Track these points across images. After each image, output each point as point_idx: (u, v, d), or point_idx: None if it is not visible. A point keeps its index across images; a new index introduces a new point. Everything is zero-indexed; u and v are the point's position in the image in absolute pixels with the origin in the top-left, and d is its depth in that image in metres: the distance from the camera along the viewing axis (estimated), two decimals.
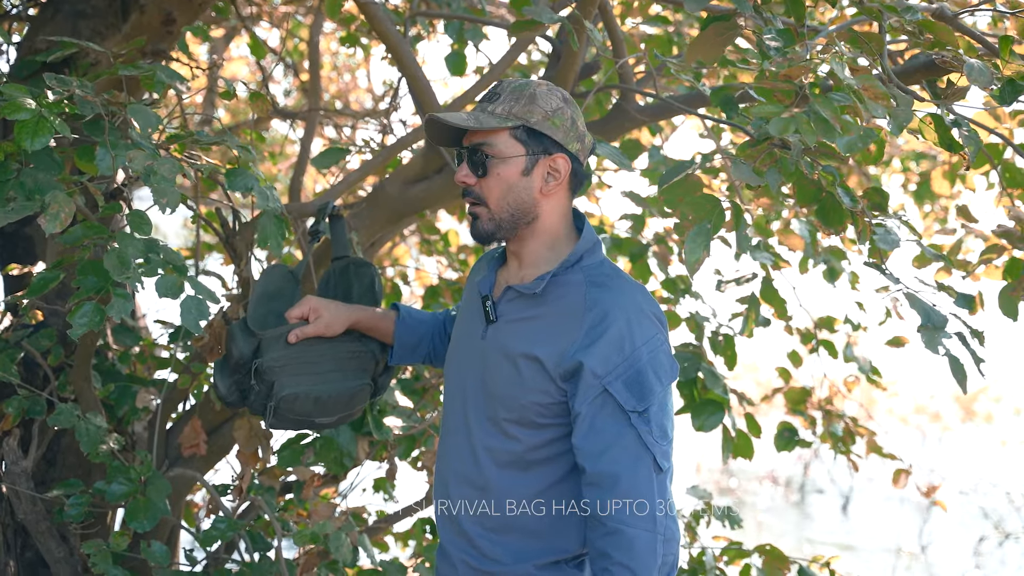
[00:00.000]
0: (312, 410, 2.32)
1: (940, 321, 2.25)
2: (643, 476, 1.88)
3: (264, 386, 2.28)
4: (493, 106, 2.00)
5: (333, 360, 2.35)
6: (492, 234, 2.03)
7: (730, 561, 3.27)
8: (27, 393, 2.67)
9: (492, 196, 2.01)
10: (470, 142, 2.02)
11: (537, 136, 2.01)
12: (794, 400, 3.93)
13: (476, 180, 2.01)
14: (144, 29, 3.21)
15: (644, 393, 1.90)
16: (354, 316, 2.39)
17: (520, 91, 2.01)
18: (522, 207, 2.02)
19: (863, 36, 2.36)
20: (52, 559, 2.70)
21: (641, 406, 1.89)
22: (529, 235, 2.05)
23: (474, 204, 2.03)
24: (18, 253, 3.12)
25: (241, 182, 2.26)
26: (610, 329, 1.93)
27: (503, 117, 1.99)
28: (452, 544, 2.11)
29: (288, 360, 2.29)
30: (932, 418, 13.83)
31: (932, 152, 4.86)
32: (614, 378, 1.90)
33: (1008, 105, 2.25)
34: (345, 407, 2.38)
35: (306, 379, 2.30)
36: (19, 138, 1.95)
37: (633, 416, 1.88)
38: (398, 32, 2.86)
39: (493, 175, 2.00)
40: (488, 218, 2.02)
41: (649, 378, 1.91)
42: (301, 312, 2.34)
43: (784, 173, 2.22)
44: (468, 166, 2.02)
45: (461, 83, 7.44)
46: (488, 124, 1.98)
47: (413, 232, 4.88)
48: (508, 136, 2.00)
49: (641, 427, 1.88)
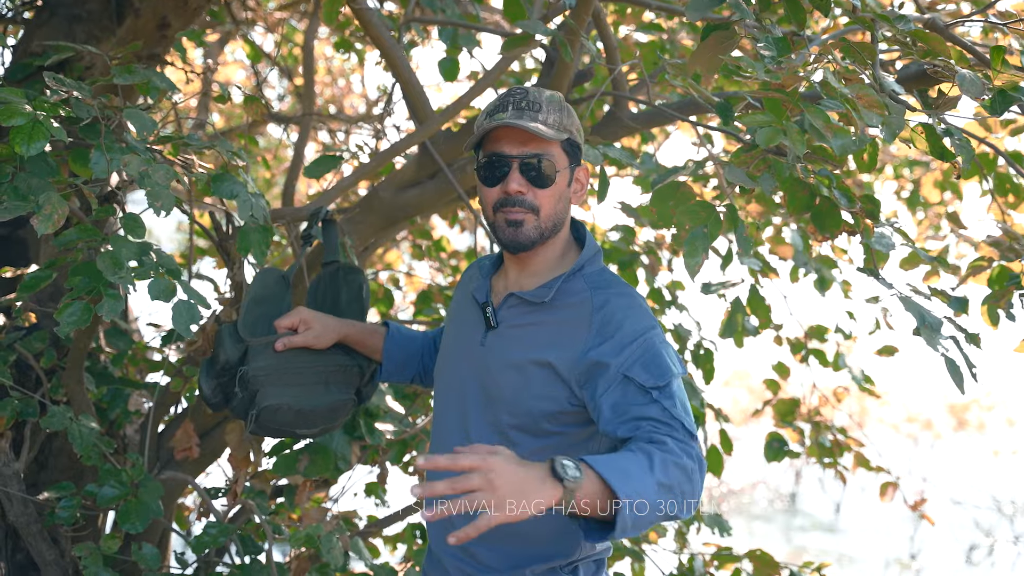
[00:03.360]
0: (293, 421, 2.33)
1: (935, 323, 2.26)
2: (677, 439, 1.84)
3: (247, 394, 2.29)
4: (543, 115, 2.00)
5: (318, 373, 2.36)
6: (534, 242, 2.03)
7: (720, 566, 3.28)
8: (19, 395, 2.67)
9: (546, 206, 2.01)
10: (524, 151, 2.00)
11: (576, 148, 2.06)
12: (783, 412, 3.94)
13: (529, 189, 2.00)
14: (139, 33, 3.21)
15: (662, 370, 1.90)
16: (344, 330, 2.39)
17: (559, 103, 2.04)
18: (562, 217, 2.05)
19: (856, 46, 2.37)
20: (43, 561, 2.69)
21: (662, 381, 1.88)
22: (550, 243, 2.07)
23: (520, 211, 2.01)
24: (12, 256, 3.12)
25: (227, 188, 2.26)
26: (622, 326, 1.94)
27: (558, 128, 2.01)
28: (446, 552, 2.11)
29: (273, 370, 2.30)
30: (924, 427, 13.85)
31: (925, 159, 4.88)
32: (631, 363, 1.89)
33: (999, 115, 2.26)
34: (327, 419, 2.39)
35: (289, 391, 2.30)
36: (14, 143, 1.96)
37: (655, 392, 1.87)
38: (392, 37, 2.87)
39: (553, 186, 2.01)
40: (535, 226, 2.01)
41: (664, 358, 1.92)
42: (291, 322, 2.34)
43: (778, 179, 2.23)
44: (525, 175, 2.00)
45: (455, 88, 7.44)
46: (560, 136, 1.99)
47: (405, 237, 4.89)
48: (559, 148, 2.03)
49: (665, 401, 1.86)
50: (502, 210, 2.02)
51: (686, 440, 1.83)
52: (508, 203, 2.01)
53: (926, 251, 2.88)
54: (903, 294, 2.34)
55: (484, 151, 2.05)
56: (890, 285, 2.37)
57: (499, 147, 2.02)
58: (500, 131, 2.02)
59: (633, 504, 1.68)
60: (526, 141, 2.00)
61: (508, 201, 2.01)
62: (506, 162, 2.00)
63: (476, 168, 2.07)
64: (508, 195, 2.00)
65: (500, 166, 2.01)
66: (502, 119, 1.98)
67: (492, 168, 2.02)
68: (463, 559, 2.07)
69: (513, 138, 2.00)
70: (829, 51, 2.26)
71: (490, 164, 2.02)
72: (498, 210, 2.03)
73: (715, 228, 2.26)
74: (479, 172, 2.05)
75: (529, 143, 2.00)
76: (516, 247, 2.03)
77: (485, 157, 2.04)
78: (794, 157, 2.18)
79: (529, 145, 2.00)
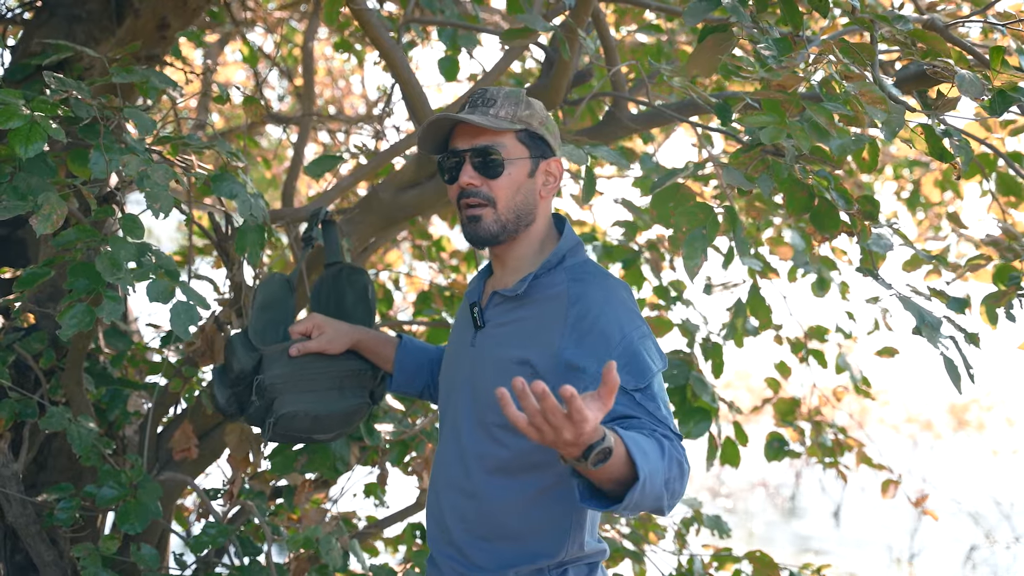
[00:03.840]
0: (310, 427, 2.34)
1: (935, 322, 2.26)
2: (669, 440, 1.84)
3: (264, 402, 2.29)
4: (495, 110, 2.03)
5: (332, 378, 2.36)
6: (496, 235, 2.04)
7: (720, 567, 3.27)
8: (18, 396, 2.67)
9: (502, 197, 2.03)
10: (474, 144, 2.03)
11: (537, 140, 2.07)
12: (783, 411, 3.94)
13: (483, 181, 2.02)
14: (139, 34, 3.21)
15: (642, 370, 1.90)
16: (356, 335, 2.40)
17: (516, 97, 2.07)
18: (526, 208, 2.06)
19: (855, 47, 2.37)
20: (42, 562, 2.69)
21: (642, 383, 1.89)
22: (523, 238, 2.08)
23: (478, 205, 2.03)
24: (10, 256, 3.12)
25: (226, 188, 2.26)
26: (598, 322, 1.94)
27: (510, 120, 2.03)
28: (442, 553, 2.12)
29: (289, 377, 2.30)
30: (924, 427, 13.85)
31: (925, 159, 4.88)
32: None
33: (999, 116, 2.26)
34: (342, 424, 2.40)
35: (305, 397, 2.31)
36: (13, 144, 1.96)
37: (637, 395, 1.88)
38: (392, 38, 2.87)
39: (505, 175, 2.03)
40: (494, 219, 2.03)
41: (643, 357, 1.92)
42: (305, 328, 2.35)
43: (776, 180, 2.23)
44: (476, 167, 2.02)
45: (454, 89, 7.45)
46: (502, 125, 2.01)
47: (405, 237, 4.89)
48: (514, 138, 2.04)
49: (648, 404, 1.88)
50: (461, 205, 2.06)
51: (675, 442, 1.85)
52: (464, 195, 2.04)
53: (927, 251, 2.88)
54: (902, 294, 2.34)
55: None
56: (889, 285, 2.37)
57: (453, 144, 2.07)
58: (457, 129, 2.07)
59: (644, 484, 1.69)
60: (477, 135, 2.04)
61: (464, 194, 2.05)
62: (459, 156, 2.05)
63: (438, 168, 2.11)
64: (462, 188, 2.04)
65: (454, 162, 2.06)
66: (443, 114, 2.04)
67: (447, 166, 2.07)
68: (456, 558, 2.08)
69: (466, 134, 2.05)
70: (830, 50, 2.26)
71: (445, 162, 2.08)
72: (460, 207, 2.06)
73: (713, 229, 2.27)
74: (439, 171, 2.10)
75: (480, 136, 2.03)
76: (478, 241, 2.06)
77: (441, 157, 2.10)
78: (792, 158, 2.18)
79: (480, 138, 2.03)
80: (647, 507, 1.77)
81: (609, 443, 1.63)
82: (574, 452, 1.61)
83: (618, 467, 1.67)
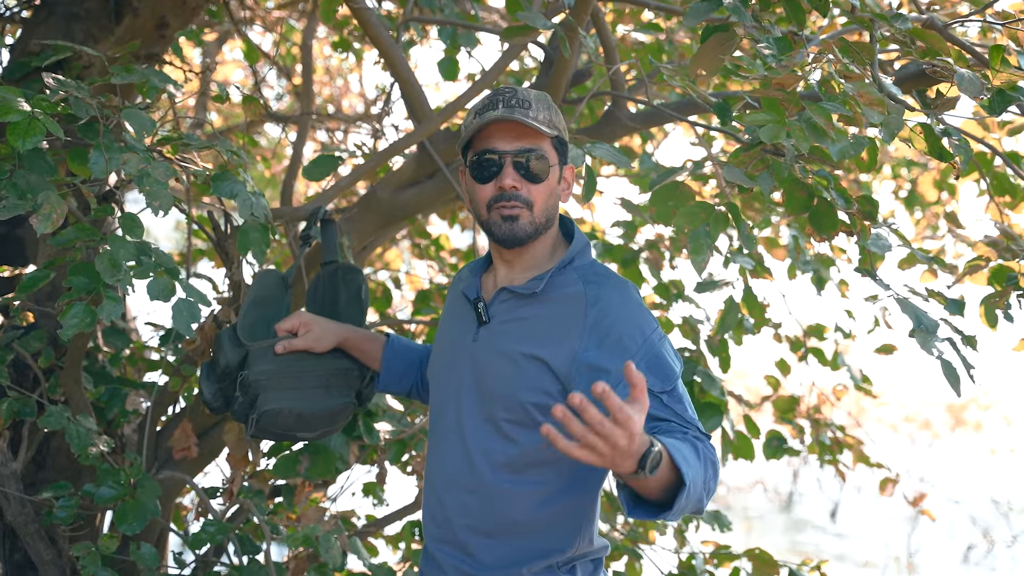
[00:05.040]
0: (294, 425, 2.34)
1: (931, 325, 2.26)
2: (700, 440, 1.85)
3: (248, 398, 2.30)
4: (534, 112, 2.01)
5: (318, 376, 2.36)
6: (530, 236, 2.03)
7: (719, 564, 3.27)
8: (17, 395, 2.67)
9: (539, 201, 2.03)
10: (518, 146, 2.01)
11: (563, 146, 2.08)
12: (782, 409, 3.94)
13: (523, 184, 2.01)
14: (137, 32, 3.21)
15: (667, 373, 1.91)
16: (343, 334, 2.39)
17: (546, 100, 2.06)
18: (553, 212, 2.07)
19: (854, 46, 2.37)
20: (41, 561, 2.69)
21: (668, 385, 1.89)
22: (540, 239, 2.08)
23: (516, 206, 2.02)
24: (9, 255, 3.12)
25: (226, 187, 2.26)
26: (616, 325, 1.94)
27: (548, 125, 2.03)
28: (443, 552, 2.10)
29: (273, 374, 2.30)
30: (922, 426, 13.87)
31: (923, 159, 4.88)
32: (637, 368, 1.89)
33: (998, 115, 2.26)
34: (327, 423, 2.40)
35: (290, 395, 2.31)
36: (11, 139, 1.96)
37: (664, 396, 1.88)
38: (391, 37, 2.87)
39: (545, 180, 2.03)
40: (529, 221, 2.02)
41: (666, 360, 1.93)
42: (291, 325, 2.34)
43: (776, 179, 2.23)
44: (518, 170, 2.01)
45: (453, 88, 7.45)
46: (547, 131, 2.00)
47: (404, 236, 4.89)
48: (550, 144, 2.05)
49: (676, 405, 1.88)
50: (496, 206, 2.02)
51: (706, 442, 1.86)
52: (503, 198, 2.01)
53: (924, 251, 2.88)
54: (900, 295, 2.34)
55: (474, 150, 2.05)
56: (887, 286, 2.37)
57: (491, 143, 2.02)
58: (491, 128, 2.02)
59: (690, 488, 1.69)
60: (519, 136, 2.01)
61: (503, 196, 2.01)
62: (500, 158, 2.01)
63: (468, 166, 2.07)
64: (503, 191, 2.01)
65: (494, 162, 2.02)
66: (496, 115, 1.99)
67: (485, 165, 2.03)
68: (460, 557, 2.06)
69: (505, 134, 2.01)
70: (829, 49, 2.26)
71: (483, 161, 2.03)
72: (492, 207, 2.03)
73: (716, 227, 2.27)
74: (472, 170, 2.05)
75: (522, 138, 2.01)
76: (512, 242, 2.03)
77: (476, 155, 2.04)
78: (792, 157, 2.19)
79: (522, 140, 2.01)
80: (690, 510, 1.78)
81: (659, 448, 1.63)
82: (630, 465, 1.58)
83: (665, 473, 1.67)
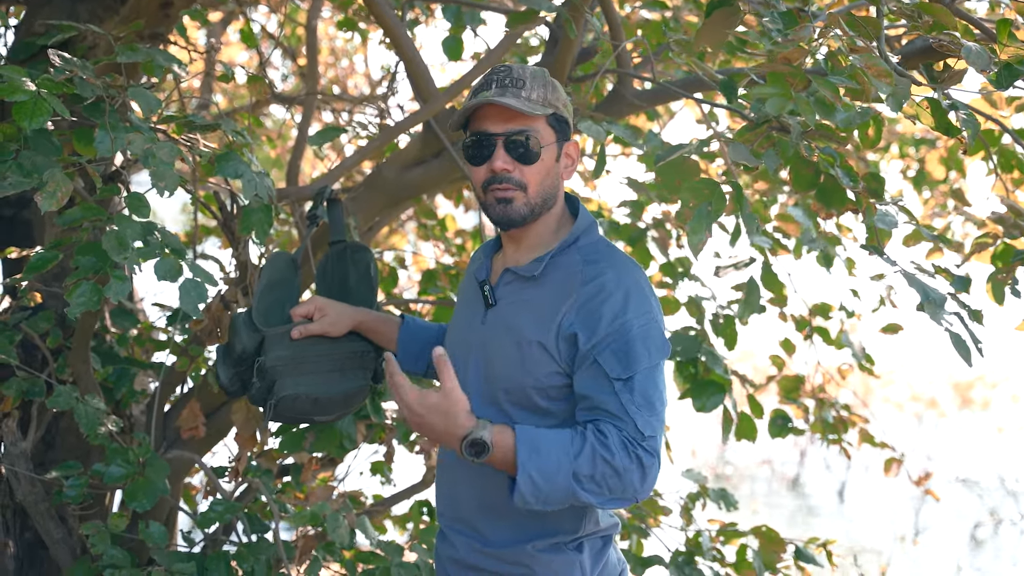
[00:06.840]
0: (311, 409, 2.35)
1: (939, 299, 2.26)
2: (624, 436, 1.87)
3: (265, 384, 2.31)
4: (526, 92, 2.00)
5: (334, 360, 2.37)
6: (525, 218, 2.03)
7: (726, 542, 3.28)
8: (26, 375, 2.68)
9: (534, 182, 2.02)
10: (508, 128, 2.00)
11: (562, 123, 2.06)
12: (787, 388, 3.94)
13: (515, 166, 2.00)
14: (142, 12, 3.20)
15: (630, 362, 1.90)
16: (358, 317, 2.40)
17: (544, 78, 2.04)
18: (552, 192, 2.06)
19: (861, 20, 2.36)
20: (51, 540, 2.71)
21: (625, 373, 1.89)
22: (543, 219, 2.07)
23: (509, 189, 2.01)
24: (16, 236, 3.13)
25: (231, 167, 2.25)
26: (606, 302, 1.94)
27: (543, 104, 2.01)
28: (453, 529, 2.12)
29: (290, 360, 2.31)
30: (928, 405, 13.87)
31: (931, 137, 4.86)
32: (603, 348, 1.91)
33: (1005, 89, 2.25)
34: (343, 406, 2.41)
35: (306, 379, 2.32)
36: (17, 119, 1.96)
37: (617, 384, 1.88)
38: (396, 16, 2.86)
39: (539, 161, 2.01)
40: (524, 202, 2.02)
41: (636, 348, 1.91)
42: (307, 310, 2.35)
43: (782, 156, 2.22)
44: (510, 152, 2.00)
45: (458, 68, 7.42)
46: (536, 110, 1.99)
47: (410, 217, 4.88)
48: (545, 123, 2.03)
49: (623, 395, 1.88)
50: (491, 188, 2.02)
51: (633, 439, 1.86)
52: (495, 181, 2.01)
53: (930, 229, 2.87)
54: (907, 271, 2.33)
55: (470, 130, 2.06)
56: (894, 263, 2.36)
57: (483, 125, 2.02)
58: (485, 109, 2.02)
59: (532, 478, 1.82)
60: (510, 118, 2.00)
61: (495, 179, 2.01)
62: (491, 140, 2.01)
63: (463, 148, 2.07)
64: (495, 173, 2.01)
65: (485, 145, 2.02)
66: (485, 97, 1.99)
67: (477, 147, 2.03)
68: (469, 534, 2.08)
69: (497, 116, 2.01)
70: (836, 23, 2.25)
71: (475, 143, 2.03)
72: (487, 189, 2.03)
73: (719, 206, 2.26)
74: (465, 152, 2.06)
75: (513, 120, 2.00)
76: (507, 224, 2.04)
77: (470, 136, 2.05)
78: (798, 134, 2.18)
79: (513, 122, 2.00)
80: (557, 502, 1.86)
81: (480, 435, 1.80)
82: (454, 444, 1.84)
83: (512, 462, 1.83)
